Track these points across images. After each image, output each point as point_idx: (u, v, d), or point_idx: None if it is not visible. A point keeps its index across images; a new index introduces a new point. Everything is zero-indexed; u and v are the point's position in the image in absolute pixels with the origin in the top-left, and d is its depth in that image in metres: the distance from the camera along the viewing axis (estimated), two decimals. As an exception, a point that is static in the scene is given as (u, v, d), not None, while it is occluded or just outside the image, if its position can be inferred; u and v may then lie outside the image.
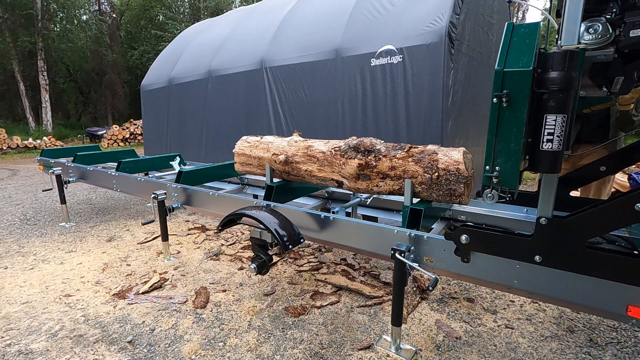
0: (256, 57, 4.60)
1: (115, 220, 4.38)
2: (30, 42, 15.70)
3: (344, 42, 3.79)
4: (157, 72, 6.35)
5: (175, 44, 6.78)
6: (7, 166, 9.47)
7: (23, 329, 2.13)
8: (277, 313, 2.25)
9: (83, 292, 2.56)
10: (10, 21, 15.61)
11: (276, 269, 2.89)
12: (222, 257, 3.15)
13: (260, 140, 2.53)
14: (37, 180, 7.17)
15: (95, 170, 3.69)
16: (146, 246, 3.46)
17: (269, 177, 2.42)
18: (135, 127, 14.76)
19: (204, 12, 20.85)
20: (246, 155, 2.56)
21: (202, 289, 2.54)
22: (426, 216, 1.79)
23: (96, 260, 3.13)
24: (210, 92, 5.21)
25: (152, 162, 3.96)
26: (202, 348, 1.93)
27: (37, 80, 16.47)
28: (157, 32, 20.26)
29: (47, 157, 4.40)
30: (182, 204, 2.78)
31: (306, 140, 2.33)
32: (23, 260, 3.17)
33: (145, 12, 21.91)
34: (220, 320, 2.19)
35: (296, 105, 4.20)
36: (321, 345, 1.94)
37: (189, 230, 3.92)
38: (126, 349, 1.94)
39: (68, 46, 17.36)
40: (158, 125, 6.19)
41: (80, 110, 21.88)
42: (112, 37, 21.36)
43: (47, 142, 13.12)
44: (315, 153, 2.19)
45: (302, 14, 4.67)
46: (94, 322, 2.19)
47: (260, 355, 1.86)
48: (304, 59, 4.10)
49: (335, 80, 3.83)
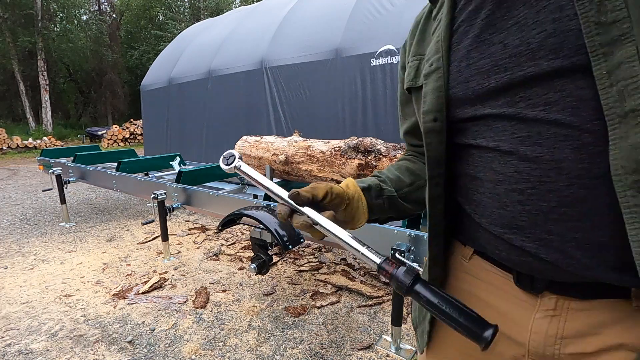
0: (256, 57, 4.60)
1: (115, 220, 4.38)
2: (30, 42, 15.70)
3: (344, 42, 3.79)
4: (157, 72, 6.35)
5: (175, 44, 6.78)
6: (7, 166, 9.47)
7: (23, 329, 2.13)
8: (277, 313, 2.25)
9: (83, 292, 2.56)
10: (10, 21, 15.60)
11: (276, 269, 2.89)
12: (222, 257, 3.15)
13: (260, 140, 2.53)
14: (37, 180, 7.17)
15: (95, 170, 3.69)
16: (146, 246, 3.46)
17: (269, 177, 2.42)
18: (135, 127, 14.75)
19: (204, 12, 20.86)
20: (246, 155, 2.56)
21: (202, 289, 2.54)
22: (426, 216, 1.79)
23: (96, 260, 3.13)
24: (210, 92, 5.21)
25: (152, 162, 3.96)
26: (202, 348, 1.93)
27: (37, 80, 16.46)
28: (157, 32, 20.28)
29: (47, 157, 4.40)
30: (182, 204, 2.78)
31: (306, 140, 2.33)
32: (23, 260, 3.17)
33: (145, 12, 21.92)
34: (220, 320, 2.19)
35: (296, 105, 4.20)
36: (321, 345, 1.94)
37: (189, 230, 3.92)
38: (126, 349, 1.94)
39: (68, 46, 17.33)
40: (158, 125, 6.19)
41: (80, 110, 21.89)
42: (112, 37, 21.36)
43: (47, 142, 13.11)
44: (315, 153, 2.19)
45: (302, 14, 4.67)
46: (94, 322, 2.19)
47: (260, 355, 1.86)
48: (304, 59, 4.10)
49: (335, 80, 3.83)
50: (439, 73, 0.53)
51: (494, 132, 0.47)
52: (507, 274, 0.53)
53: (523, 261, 0.48)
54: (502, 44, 0.45)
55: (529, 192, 0.44)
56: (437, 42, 0.54)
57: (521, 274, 0.51)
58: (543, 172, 0.42)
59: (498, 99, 0.46)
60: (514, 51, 0.44)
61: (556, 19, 0.40)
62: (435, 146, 0.54)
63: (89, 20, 20.72)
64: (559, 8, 0.40)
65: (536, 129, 0.43)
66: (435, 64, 0.54)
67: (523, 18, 0.43)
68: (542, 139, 0.42)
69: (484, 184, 0.50)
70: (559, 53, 0.40)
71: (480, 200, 0.52)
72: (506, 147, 0.46)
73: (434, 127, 0.53)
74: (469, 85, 0.49)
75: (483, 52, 0.48)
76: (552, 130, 0.41)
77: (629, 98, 0.35)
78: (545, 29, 0.41)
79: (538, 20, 0.42)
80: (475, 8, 0.50)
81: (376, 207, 0.64)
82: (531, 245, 0.46)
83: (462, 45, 0.51)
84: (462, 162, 0.54)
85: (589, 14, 0.37)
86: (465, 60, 0.50)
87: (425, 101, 0.54)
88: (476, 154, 0.51)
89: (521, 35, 0.43)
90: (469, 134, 0.52)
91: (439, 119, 0.53)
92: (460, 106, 0.51)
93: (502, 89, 0.46)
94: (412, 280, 0.47)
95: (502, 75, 0.45)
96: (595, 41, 0.37)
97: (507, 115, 0.46)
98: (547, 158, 0.42)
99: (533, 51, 0.42)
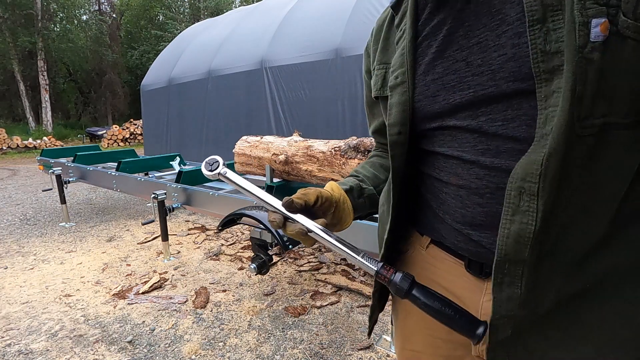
0: (256, 57, 4.60)
1: (115, 220, 4.38)
2: (30, 42, 15.69)
3: (344, 42, 3.79)
4: (157, 72, 6.35)
5: (175, 44, 6.78)
6: (7, 166, 9.47)
7: (23, 329, 2.13)
8: (277, 313, 2.25)
9: (83, 292, 2.56)
10: (10, 21, 15.60)
11: (276, 269, 2.89)
12: (222, 257, 3.15)
13: (260, 140, 2.53)
14: (37, 180, 7.16)
15: (95, 170, 3.69)
16: (146, 246, 3.46)
17: (269, 177, 2.42)
18: (135, 127, 14.75)
19: (204, 12, 20.85)
20: (246, 155, 2.56)
21: (202, 289, 2.54)
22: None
23: (96, 260, 3.14)
24: (210, 92, 5.21)
25: (152, 162, 3.96)
26: (202, 348, 1.93)
27: (37, 80, 16.46)
28: (157, 32, 20.27)
29: (47, 157, 4.40)
30: (182, 204, 2.78)
31: (306, 140, 2.33)
32: (23, 260, 3.17)
33: (145, 12, 21.93)
34: (220, 320, 2.19)
35: (296, 105, 4.20)
36: (321, 345, 1.94)
37: (189, 230, 3.92)
38: (126, 349, 1.94)
39: (68, 46, 17.33)
40: (158, 125, 6.19)
41: (80, 110, 21.88)
42: (112, 37, 21.36)
43: (47, 142, 13.10)
44: (315, 153, 2.19)
45: (302, 14, 4.67)
46: (94, 322, 2.19)
47: (260, 355, 1.87)
48: (304, 59, 4.10)
49: (335, 80, 3.83)
50: (404, 87, 0.56)
51: (458, 142, 0.52)
52: (459, 261, 0.58)
53: (477, 252, 0.53)
54: (465, 62, 0.49)
55: (487, 196, 0.50)
56: (402, 56, 0.57)
57: (472, 260, 0.56)
58: (500, 179, 0.47)
59: (462, 113, 0.51)
60: (477, 70, 0.48)
61: (515, 44, 0.44)
62: (399, 157, 0.59)
63: (89, 20, 20.73)
64: (517, 35, 0.44)
65: (495, 142, 0.48)
66: (401, 77, 0.57)
67: (484, 39, 0.47)
68: (500, 152, 0.47)
69: (448, 186, 0.55)
70: (517, 76, 0.44)
71: (445, 199, 0.57)
72: (468, 157, 0.51)
73: (398, 139, 0.58)
74: (435, 100, 0.53)
75: (448, 68, 0.52)
76: (509, 145, 0.46)
77: (548, 123, 0.40)
78: (506, 53, 0.45)
79: (499, 44, 0.45)
80: (438, 24, 0.53)
81: (359, 206, 0.68)
82: (487, 241, 0.51)
83: (426, 59, 0.54)
84: (429, 165, 0.59)
85: (537, 41, 0.40)
86: (431, 75, 0.54)
87: (391, 114, 0.58)
88: (441, 159, 0.56)
89: (482, 55, 0.47)
90: (434, 142, 0.56)
91: (403, 132, 0.57)
92: (427, 118, 0.55)
93: (467, 105, 0.50)
94: (410, 285, 0.51)
95: (466, 92, 0.49)
96: (540, 67, 0.40)
97: (470, 128, 0.50)
98: (503, 168, 0.47)
99: (494, 72, 0.46)
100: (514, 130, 0.45)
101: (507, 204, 0.44)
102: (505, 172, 0.46)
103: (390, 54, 0.61)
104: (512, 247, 0.44)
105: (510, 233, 0.44)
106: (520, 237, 0.43)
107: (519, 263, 0.44)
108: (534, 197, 0.42)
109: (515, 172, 0.43)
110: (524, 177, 0.42)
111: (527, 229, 0.43)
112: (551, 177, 0.40)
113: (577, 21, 0.37)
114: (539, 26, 0.40)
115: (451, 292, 0.59)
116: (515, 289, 0.45)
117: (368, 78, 0.72)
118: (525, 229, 0.43)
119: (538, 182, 0.41)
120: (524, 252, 0.43)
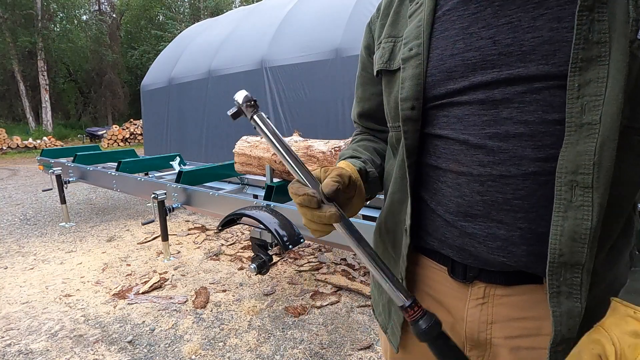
0: (256, 57, 4.60)
1: (115, 220, 4.38)
2: (30, 42, 15.69)
3: (344, 42, 3.79)
4: (157, 72, 6.35)
5: (175, 44, 6.78)
6: (7, 166, 9.47)
7: (23, 329, 2.13)
8: (277, 313, 2.25)
9: (83, 292, 2.56)
10: (10, 21, 15.59)
11: (276, 269, 2.89)
12: (222, 257, 3.15)
13: (260, 140, 2.53)
14: (37, 180, 7.16)
15: (95, 170, 3.69)
16: (146, 246, 3.46)
17: (268, 177, 2.42)
18: (135, 127, 14.75)
19: (204, 12, 20.84)
20: (246, 155, 2.56)
21: (202, 289, 2.54)
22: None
23: (96, 260, 3.13)
24: (210, 92, 5.21)
25: (152, 162, 3.96)
26: (202, 348, 1.93)
27: (37, 80, 16.46)
28: (157, 32, 20.25)
29: (47, 157, 4.40)
30: (182, 204, 2.78)
31: (306, 140, 2.33)
32: (23, 260, 3.17)
33: (145, 12, 21.90)
34: (220, 320, 2.19)
35: (296, 105, 4.20)
36: (321, 345, 1.94)
37: (189, 230, 3.92)
38: (126, 349, 1.94)
39: (68, 46, 17.33)
40: (158, 125, 6.19)
41: (80, 110, 21.87)
42: (112, 37, 21.36)
43: (47, 142, 13.10)
44: (315, 153, 2.19)
45: (302, 14, 4.67)
46: (94, 322, 2.19)
47: (260, 355, 1.87)
48: (304, 59, 4.10)
49: (335, 80, 3.83)
50: (419, 59, 0.53)
51: (464, 125, 0.49)
52: (442, 266, 0.56)
53: (466, 249, 0.51)
54: (492, 40, 0.47)
55: (489, 184, 0.47)
56: (419, 27, 0.54)
57: (455, 264, 0.54)
58: (504, 166, 0.46)
59: (477, 92, 0.48)
60: (505, 50, 0.46)
61: (554, 28, 0.43)
62: (412, 134, 0.54)
63: (89, 20, 20.73)
64: (556, 19, 0.43)
65: (505, 126, 0.46)
66: (416, 49, 0.54)
67: (517, 20, 0.45)
68: (509, 137, 0.45)
69: (446, 173, 0.52)
70: (549, 60, 0.43)
71: (439, 188, 0.53)
72: (475, 140, 0.48)
73: (411, 115, 0.54)
74: (451, 75, 0.50)
75: (470, 45, 0.49)
76: (520, 130, 0.45)
77: (588, 112, 0.40)
78: (541, 35, 0.43)
79: (534, 26, 0.44)
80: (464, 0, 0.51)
81: (365, 189, 0.60)
82: (481, 233, 0.49)
83: (446, 34, 0.52)
84: (425, 152, 0.55)
85: (583, 28, 0.40)
86: (450, 50, 0.51)
87: (404, 87, 0.54)
88: (440, 145, 0.53)
89: (513, 35, 0.45)
90: (437, 124, 0.53)
91: (417, 107, 0.53)
92: (436, 94, 0.52)
93: (485, 84, 0.47)
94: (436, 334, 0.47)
95: (489, 71, 0.47)
96: (579, 55, 0.40)
97: (482, 109, 0.47)
98: (510, 154, 0.45)
99: (525, 53, 0.44)
100: (528, 115, 0.44)
101: (558, 201, 0.42)
102: (511, 158, 0.45)
103: (401, 27, 0.59)
104: (567, 246, 0.41)
105: (565, 231, 0.41)
106: (575, 234, 0.41)
107: (576, 268, 0.42)
108: (588, 190, 0.40)
109: (563, 166, 0.41)
110: (574, 170, 0.40)
111: (583, 225, 0.40)
112: (606, 168, 0.39)
113: (631, 16, 0.38)
114: (587, 13, 0.40)
115: (436, 300, 0.58)
116: (576, 302, 0.42)
117: (366, 54, 0.68)
118: (580, 224, 0.41)
119: (592, 173, 0.40)
120: (581, 252, 0.41)
